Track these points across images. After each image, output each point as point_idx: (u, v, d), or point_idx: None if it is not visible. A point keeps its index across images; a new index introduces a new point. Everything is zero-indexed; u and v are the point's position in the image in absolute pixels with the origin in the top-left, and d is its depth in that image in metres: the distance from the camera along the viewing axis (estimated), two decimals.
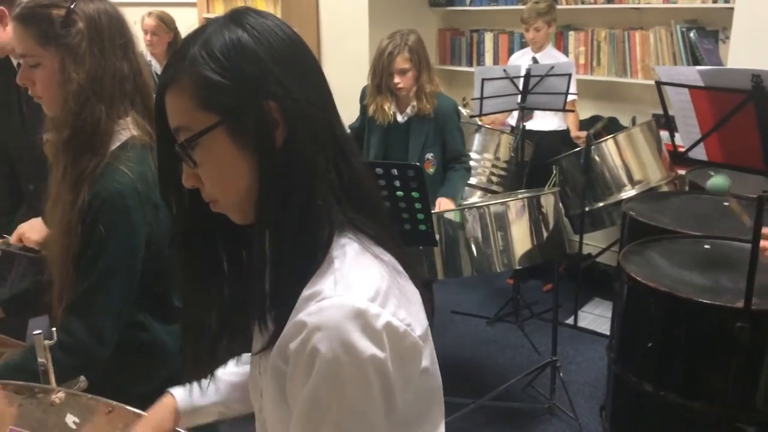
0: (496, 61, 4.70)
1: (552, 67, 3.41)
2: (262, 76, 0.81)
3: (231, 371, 1.16)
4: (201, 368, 1.00)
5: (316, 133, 0.83)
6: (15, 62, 2.08)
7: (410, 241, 2.30)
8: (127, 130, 1.41)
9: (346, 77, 2.86)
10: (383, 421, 0.79)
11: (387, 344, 0.77)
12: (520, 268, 2.70)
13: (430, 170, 3.02)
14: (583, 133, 3.74)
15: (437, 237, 2.43)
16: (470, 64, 4.89)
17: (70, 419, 1.17)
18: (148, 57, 4.17)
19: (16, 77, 1.42)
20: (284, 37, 0.84)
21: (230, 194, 0.85)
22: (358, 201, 0.87)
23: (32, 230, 1.89)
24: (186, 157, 0.83)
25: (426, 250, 2.51)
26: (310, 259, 0.82)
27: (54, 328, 1.22)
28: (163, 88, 0.84)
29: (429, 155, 3.01)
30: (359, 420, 0.78)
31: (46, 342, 1.19)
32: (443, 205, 2.79)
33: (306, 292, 0.80)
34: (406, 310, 0.82)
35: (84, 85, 1.34)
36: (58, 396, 1.17)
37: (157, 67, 4.10)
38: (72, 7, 1.36)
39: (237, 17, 0.84)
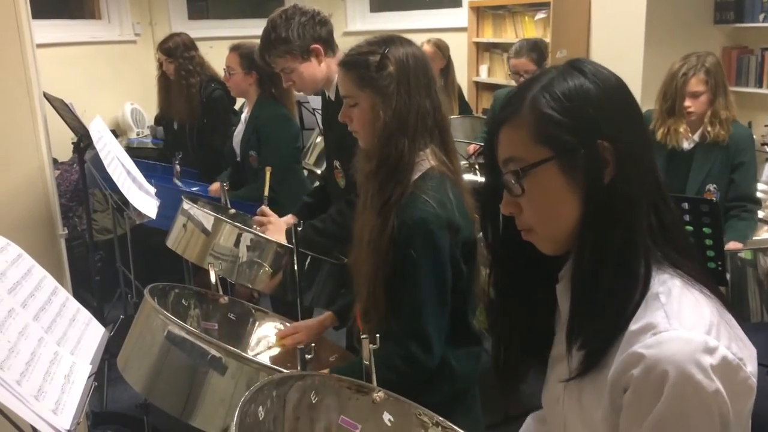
0: None
1: None
2: (599, 118, 0.88)
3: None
4: (506, 384, 1.07)
5: (642, 174, 0.88)
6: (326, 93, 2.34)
7: None
8: (427, 161, 1.54)
9: None
10: None
11: (725, 379, 0.79)
12: None
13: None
14: None
15: (727, 276, 2.26)
16: (759, 86, 4.43)
17: (386, 417, 1.31)
18: None
19: (338, 115, 1.61)
20: (617, 84, 0.92)
21: (549, 224, 0.91)
22: (675, 240, 0.90)
23: (276, 228, 2.20)
24: (515, 185, 0.90)
25: None
26: (629, 293, 0.86)
27: (378, 335, 1.36)
28: (499, 124, 0.93)
29: (711, 186, 2.80)
30: None
31: (371, 346, 1.34)
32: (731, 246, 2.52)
33: (634, 326, 0.84)
34: (737, 345, 0.83)
35: (389, 122, 1.50)
36: (378, 395, 1.32)
37: None
38: (386, 52, 1.52)
39: (577, 65, 0.93)
